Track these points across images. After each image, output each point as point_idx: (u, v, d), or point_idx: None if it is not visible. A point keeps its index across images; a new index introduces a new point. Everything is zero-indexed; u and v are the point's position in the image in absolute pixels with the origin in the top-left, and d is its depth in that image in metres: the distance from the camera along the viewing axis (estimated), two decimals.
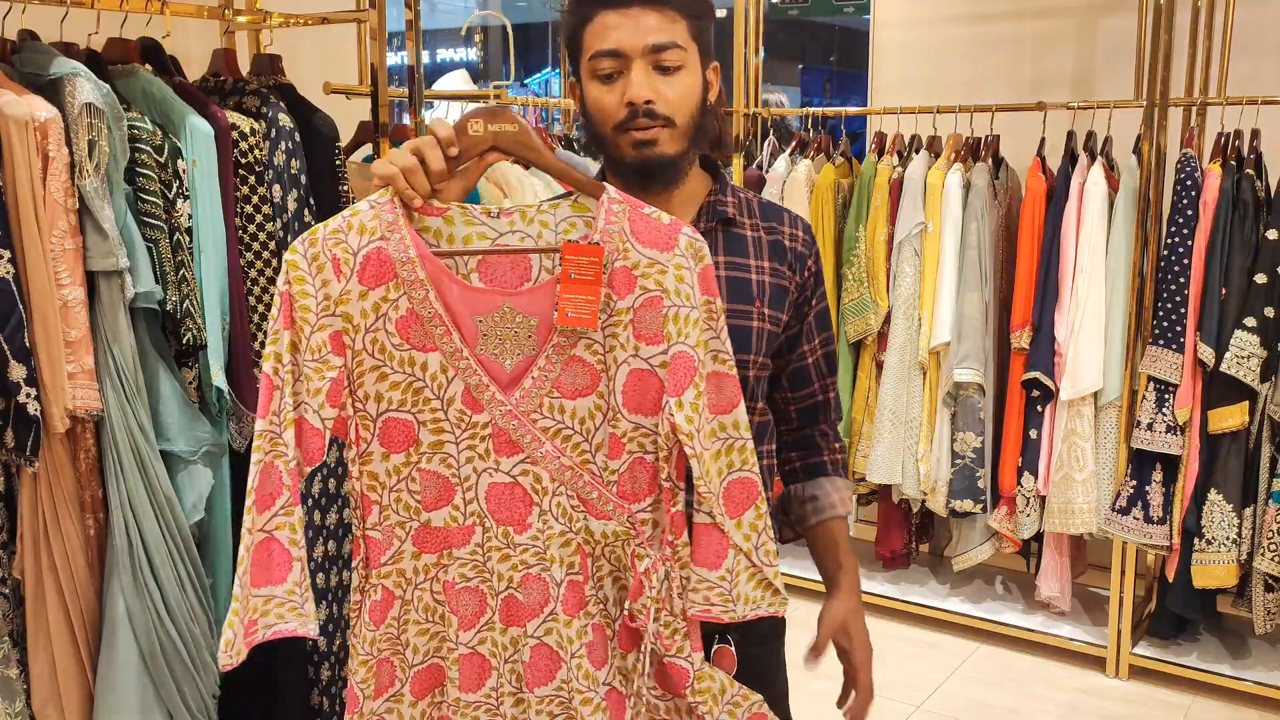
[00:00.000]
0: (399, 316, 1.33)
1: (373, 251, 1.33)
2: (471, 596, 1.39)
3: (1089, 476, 3.41)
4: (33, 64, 2.03)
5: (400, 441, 1.37)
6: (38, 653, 2.06)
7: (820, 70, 8.18)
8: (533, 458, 1.36)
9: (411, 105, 2.62)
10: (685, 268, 1.35)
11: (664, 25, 1.46)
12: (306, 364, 1.33)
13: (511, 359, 1.35)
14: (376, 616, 1.39)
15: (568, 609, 1.37)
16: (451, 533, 1.38)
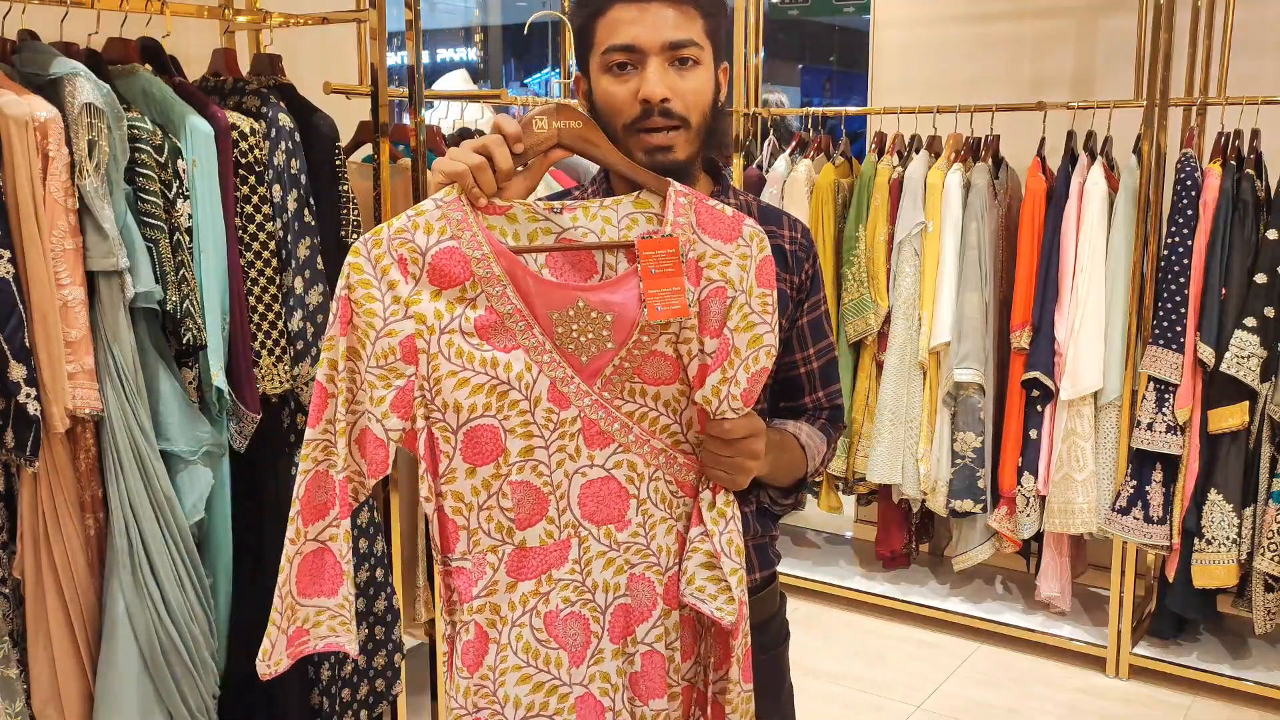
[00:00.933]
0: (478, 316, 1.27)
1: (444, 251, 1.27)
2: (576, 625, 1.31)
3: (1089, 476, 3.41)
4: (33, 64, 2.03)
5: (488, 453, 1.28)
6: (38, 653, 2.06)
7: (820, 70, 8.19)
8: (624, 445, 1.32)
9: (411, 105, 2.62)
10: (749, 257, 1.33)
11: (682, 21, 1.41)
12: (370, 371, 1.26)
13: (587, 354, 1.30)
14: (470, 661, 1.28)
15: (668, 601, 1.33)
16: (549, 551, 1.30)
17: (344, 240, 2.48)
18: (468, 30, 10.93)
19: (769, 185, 3.93)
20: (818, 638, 3.72)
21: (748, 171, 4.08)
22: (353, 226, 2.50)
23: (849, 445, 3.82)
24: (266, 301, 2.30)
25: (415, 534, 2.81)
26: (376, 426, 1.26)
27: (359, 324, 1.27)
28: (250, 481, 2.36)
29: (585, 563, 1.31)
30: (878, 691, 3.38)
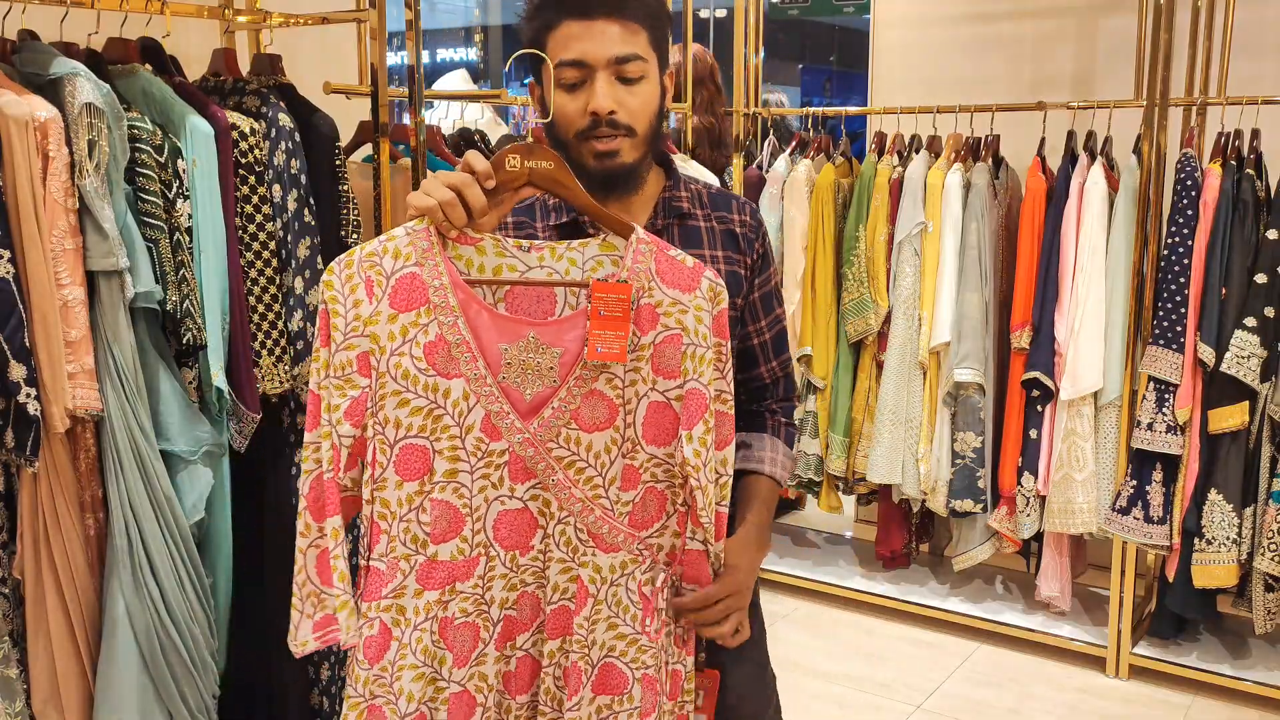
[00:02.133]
0: (427, 341, 1.36)
1: (406, 276, 1.36)
2: (468, 632, 1.41)
3: (1089, 476, 3.41)
4: (33, 64, 2.03)
5: (415, 470, 1.38)
6: (38, 652, 2.06)
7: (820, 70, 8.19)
8: (545, 484, 1.39)
9: (411, 105, 2.62)
10: (704, 309, 1.40)
11: (626, 37, 1.49)
12: (329, 380, 1.36)
13: (532, 388, 1.38)
14: (372, 654, 1.39)
15: (554, 630, 1.41)
16: (457, 566, 1.40)
17: (344, 240, 2.48)
18: (468, 30, 10.93)
19: (769, 185, 3.93)
20: (818, 638, 3.72)
21: (747, 171, 4.08)
22: (353, 226, 2.50)
23: (849, 445, 3.82)
24: (266, 301, 2.30)
25: None
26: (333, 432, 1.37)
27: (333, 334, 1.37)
28: (250, 481, 2.36)
29: (488, 580, 1.41)
30: (878, 691, 3.38)
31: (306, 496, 1.39)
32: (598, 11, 1.49)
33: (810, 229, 3.81)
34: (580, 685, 1.41)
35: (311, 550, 1.40)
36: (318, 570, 1.40)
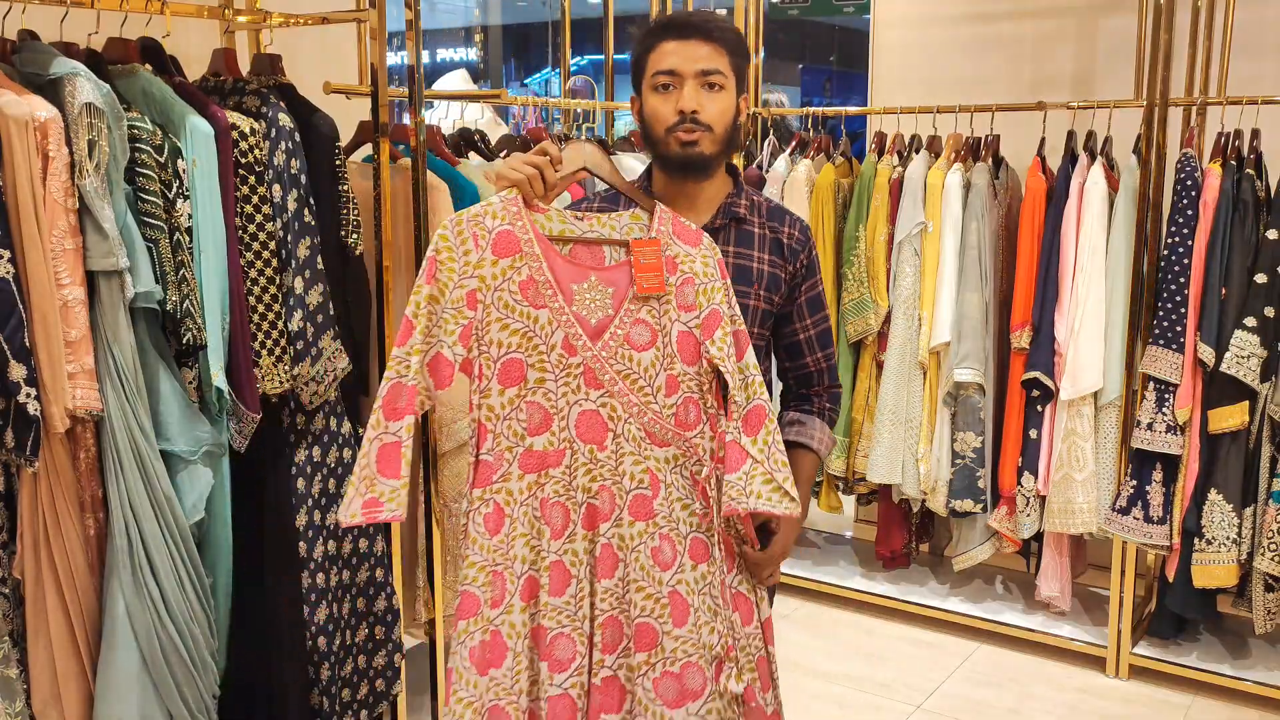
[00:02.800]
0: (521, 280, 1.76)
1: (503, 231, 1.76)
2: (560, 511, 1.75)
3: (1089, 476, 3.41)
4: (33, 64, 2.03)
5: (514, 378, 1.76)
6: (38, 652, 2.06)
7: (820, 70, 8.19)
8: (610, 391, 1.77)
9: (411, 105, 2.62)
10: (709, 257, 1.83)
11: (712, 55, 1.86)
12: (446, 310, 1.74)
13: (595, 316, 1.78)
14: (492, 527, 1.75)
15: (635, 515, 1.76)
16: (549, 455, 1.76)
17: (344, 240, 2.48)
18: (468, 30, 10.93)
19: (769, 185, 3.93)
20: (818, 638, 3.72)
21: (747, 171, 4.08)
22: (352, 226, 2.50)
23: (849, 445, 3.82)
24: (266, 301, 2.30)
25: (415, 534, 2.81)
26: (447, 351, 1.74)
27: (441, 278, 1.74)
28: (250, 481, 2.36)
29: (573, 469, 1.76)
30: (878, 691, 3.38)
31: (383, 398, 1.72)
32: (692, 34, 1.86)
33: (809, 227, 3.80)
34: (676, 556, 1.76)
35: (376, 441, 1.73)
36: (378, 459, 1.72)
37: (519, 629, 1.74)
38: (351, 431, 2.54)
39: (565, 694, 1.74)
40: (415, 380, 1.73)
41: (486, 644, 1.73)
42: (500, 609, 1.73)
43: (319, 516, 2.46)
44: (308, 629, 2.42)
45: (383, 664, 2.63)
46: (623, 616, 1.76)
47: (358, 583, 2.57)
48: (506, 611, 1.74)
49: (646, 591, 1.75)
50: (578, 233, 1.81)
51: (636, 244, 1.79)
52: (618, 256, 1.82)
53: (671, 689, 1.75)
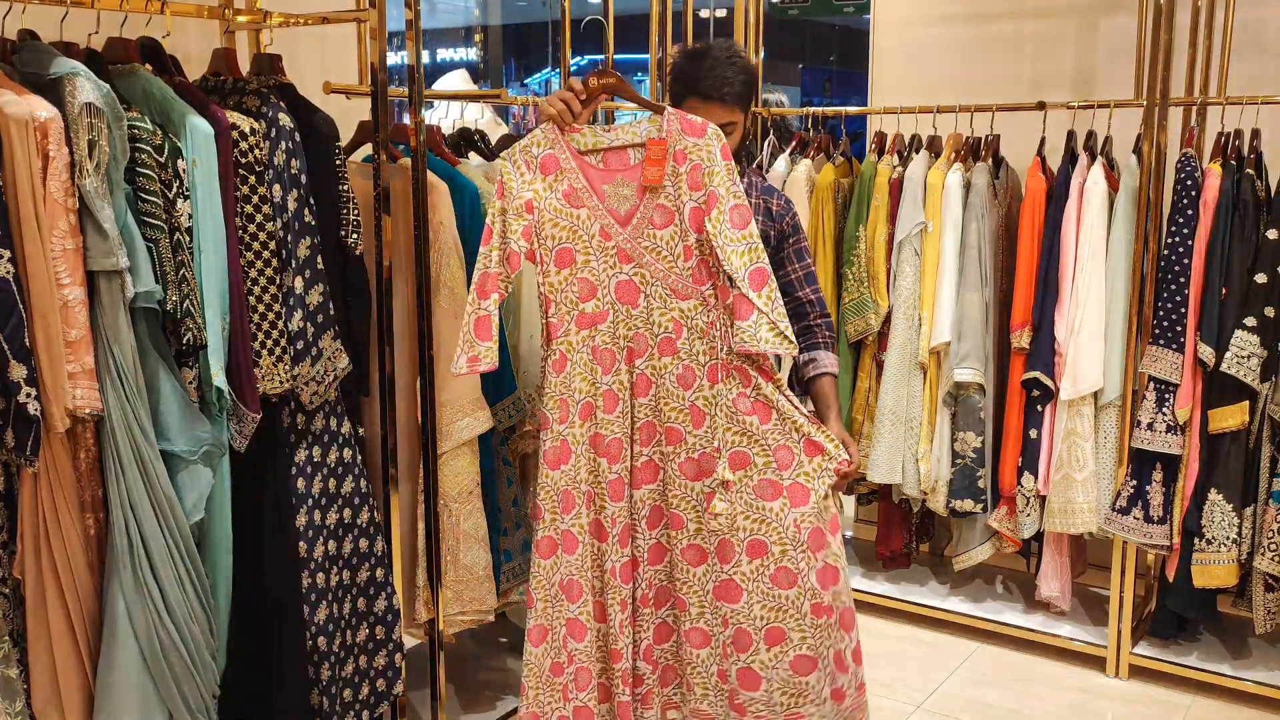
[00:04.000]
0: (564, 189, 2.36)
1: (547, 155, 2.36)
2: (607, 354, 2.37)
3: (1089, 476, 3.41)
4: (33, 64, 2.03)
5: (565, 261, 2.36)
6: (38, 652, 2.06)
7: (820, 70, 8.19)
8: (639, 264, 2.35)
9: (411, 105, 2.62)
10: (713, 145, 2.32)
11: (728, 112, 2.49)
12: (510, 216, 2.33)
13: (623, 208, 2.36)
14: (557, 369, 2.37)
15: (663, 352, 2.36)
16: (597, 314, 2.36)
17: (344, 240, 2.49)
18: (468, 30, 10.93)
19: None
20: None
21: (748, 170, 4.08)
22: (353, 226, 2.50)
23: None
24: (267, 301, 2.30)
25: (415, 534, 2.81)
26: (515, 244, 2.33)
27: (508, 193, 2.34)
28: (250, 481, 2.36)
29: (615, 323, 2.36)
30: (878, 691, 3.38)
31: (475, 284, 2.32)
32: (714, 99, 2.48)
33: (810, 229, 3.81)
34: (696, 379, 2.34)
35: (472, 315, 2.31)
36: (475, 328, 2.31)
37: (580, 437, 2.36)
38: (351, 431, 2.54)
39: (618, 477, 2.36)
40: (497, 269, 2.32)
41: (557, 449, 2.36)
42: (565, 425, 2.36)
43: (319, 516, 2.46)
44: (308, 629, 2.42)
45: (383, 664, 2.63)
46: (656, 421, 2.36)
47: (358, 583, 2.57)
48: (570, 426, 2.36)
49: (673, 405, 2.35)
50: (606, 143, 2.38)
51: (650, 143, 2.33)
52: (640, 157, 2.36)
53: (690, 468, 2.35)
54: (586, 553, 2.36)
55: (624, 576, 2.35)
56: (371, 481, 2.64)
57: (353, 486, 2.53)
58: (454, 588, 2.81)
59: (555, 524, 2.35)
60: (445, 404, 2.74)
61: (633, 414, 2.35)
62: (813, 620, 2.28)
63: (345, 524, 2.53)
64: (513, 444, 2.98)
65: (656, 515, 2.37)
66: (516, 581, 3.00)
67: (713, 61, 2.47)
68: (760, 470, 2.31)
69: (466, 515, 2.80)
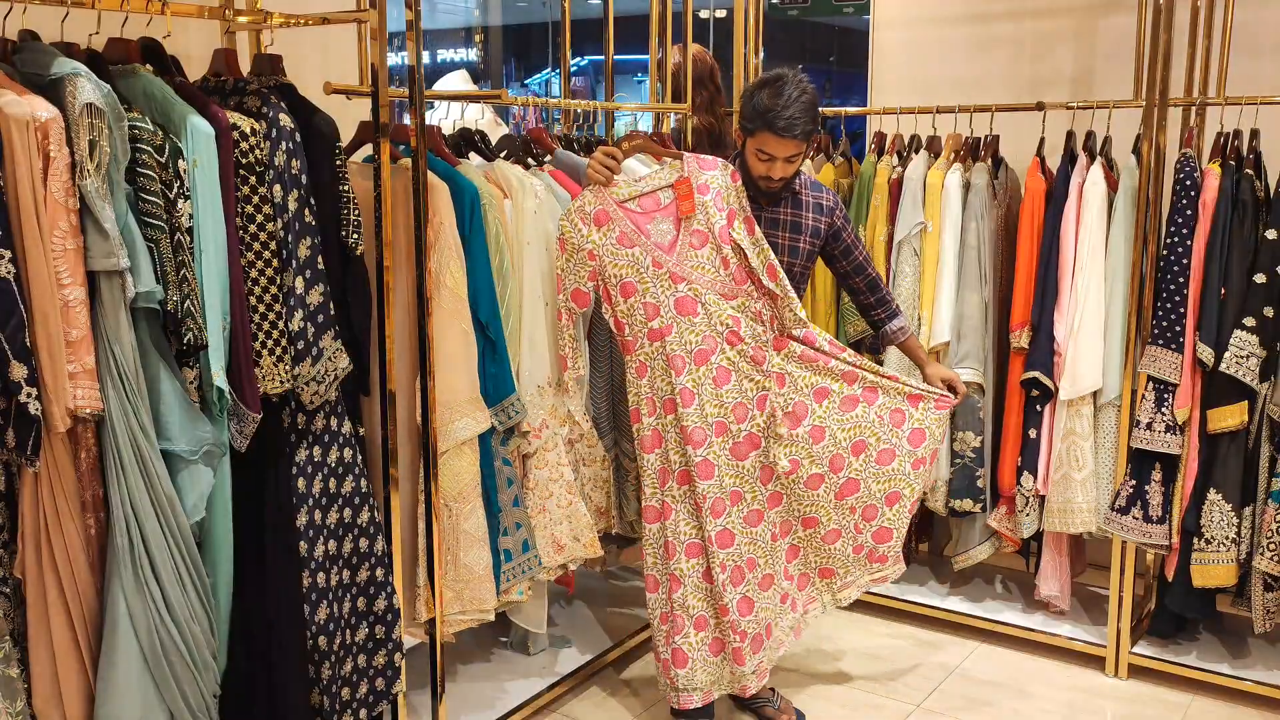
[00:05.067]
0: (616, 236, 2.89)
1: (599, 210, 2.89)
2: (678, 359, 2.87)
3: (1088, 476, 3.41)
4: (33, 64, 2.03)
5: (629, 292, 2.90)
6: (39, 652, 2.07)
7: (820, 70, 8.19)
8: (689, 280, 2.88)
9: (412, 105, 2.62)
10: (725, 174, 2.93)
11: (796, 147, 2.88)
12: (576, 264, 2.91)
13: (666, 239, 2.90)
14: (638, 374, 2.93)
15: (730, 344, 2.89)
16: (663, 329, 2.87)
17: (344, 240, 2.49)
18: (468, 30, 10.92)
19: None
20: (818, 637, 3.72)
21: None
22: (353, 226, 2.50)
23: None
24: (267, 301, 2.30)
25: (415, 534, 2.81)
26: (583, 286, 2.93)
27: (567, 248, 2.91)
28: (251, 481, 2.36)
29: (680, 333, 2.87)
30: (878, 691, 3.38)
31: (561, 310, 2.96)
32: (787, 136, 2.83)
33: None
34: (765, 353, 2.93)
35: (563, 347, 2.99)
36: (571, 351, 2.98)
37: (668, 426, 2.91)
38: (352, 431, 2.54)
39: (704, 460, 2.88)
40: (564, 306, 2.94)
41: (647, 437, 2.93)
42: (654, 417, 2.93)
43: (319, 516, 2.46)
44: (308, 628, 2.43)
45: (383, 663, 2.63)
46: (745, 401, 2.91)
47: (358, 582, 2.57)
48: (657, 419, 2.92)
49: (757, 380, 2.92)
50: (640, 190, 2.91)
51: (677, 184, 2.91)
52: (669, 196, 2.92)
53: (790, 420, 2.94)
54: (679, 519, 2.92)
55: (720, 542, 2.90)
56: (372, 481, 2.64)
57: (353, 486, 2.53)
58: (454, 587, 2.82)
59: (655, 495, 2.94)
60: (444, 404, 2.75)
61: (721, 401, 2.88)
62: (914, 473, 3.04)
63: (345, 523, 2.53)
64: (513, 444, 2.98)
65: (767, 473, 2.96)
66: (516, 581, 3.00)
67: (787, 100, 2.82)
68: (839, 393, 2.98)
69: (466, 515, 2.80)
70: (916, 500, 3.11)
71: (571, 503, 3.09)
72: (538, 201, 3.01)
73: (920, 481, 3.08)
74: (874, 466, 3.00)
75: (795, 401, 2.94)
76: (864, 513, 3.03)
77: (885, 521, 3.06)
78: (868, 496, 3.02)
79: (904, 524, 3.09)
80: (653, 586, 2.99)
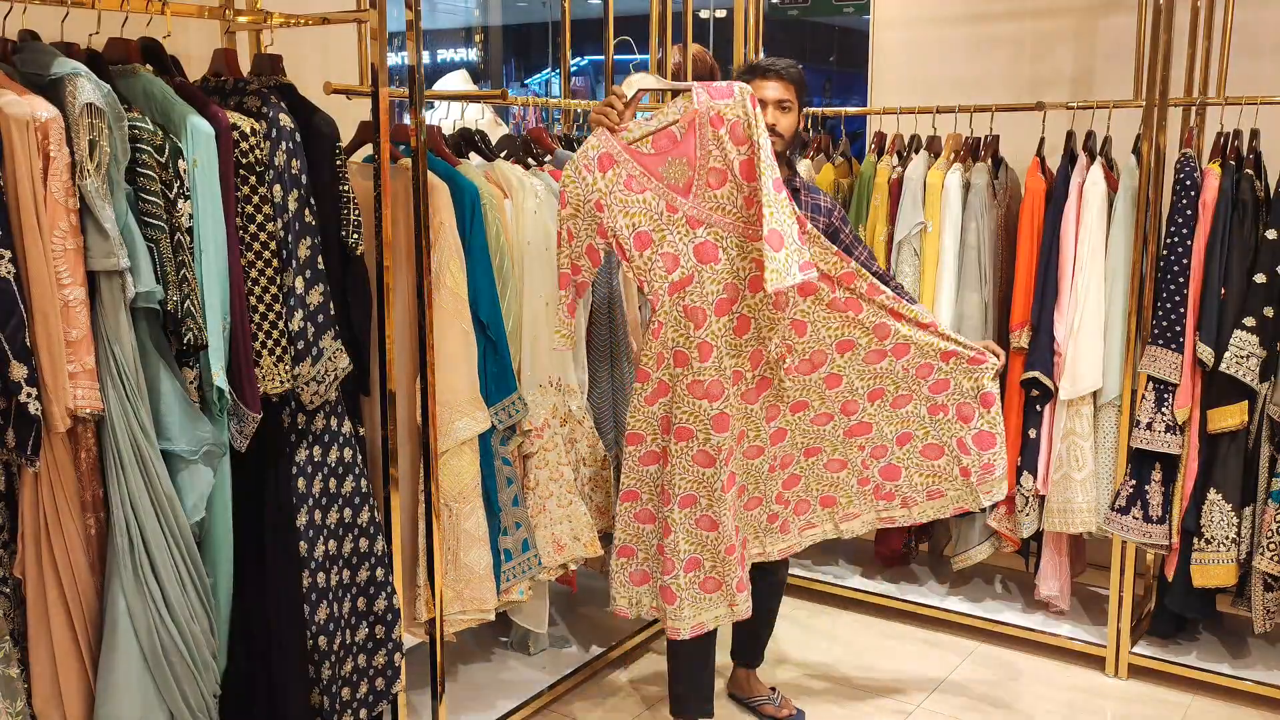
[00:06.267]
0: (624, 180, 2.61)
1: (603, 154, 2.62)
2: (698, 312, 2.63)
3: (1088, 476, 3.41)
4: (33, 64, 2.03)
5: (645, 243, 2.63)
6: (39, 652, 2.07)
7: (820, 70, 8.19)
8: (709, 224, 2.63)
9: (412, 105, 2.62)
10: (745, 103, 2.59)
11: (785, 89, 2.84)
12: (582, 217, 2.62)
13: (681, 180, 2.62)
14: (656, 333, 2.66)
15: (752, 289, 2.66)
16: (684, 281, 2.62)
17: (344, 240, 2.49)
18: (468, 30, 10.93)
19: None
20: (818, 637, 3.73)
21: None
22: (353, 226, 2.50)
23: None
24: (267, 301, 2.30)
25: (415, 534, 2.81)
26: (594, 241, 2.64)
27: (571, 200, 2.61)
28: (251, 481, 2.37)
29: (700, 283, 2.62)
30: (878, 691, 3.39)
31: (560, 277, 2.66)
32: (771, 76, 2.83)
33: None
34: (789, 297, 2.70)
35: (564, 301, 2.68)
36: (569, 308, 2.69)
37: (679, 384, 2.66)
38: (352, 431, 2.54)
39: (720, 412, 2.67)
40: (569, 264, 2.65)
41: (654, 391, 2.69)
42: (662, 368, 2.68)
43: (320, 516, 2.46)
44: (308, 628, 2.43)
45: (382, 663, 2.63)
46: (761, 347, 2.72)
47: (358, 582, 2.57)
48: (665, 371, 2.68)
49: (777, 328, 2.70)
50: (650, 129, 2.63)
51: (685, 118, 2.61)
52: (682, 132, 2.62)
53: (805, 366, 2.77)
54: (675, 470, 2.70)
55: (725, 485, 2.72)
56: (372, 481, 2.64)
57: (353, 486, 2.53)
58: (454, 587, 2.82)
59: (656, 441, 2.74)
60: (444, 404, 2.75)
61: (740, 350, 2.71)
62: (931, 419, 2.89)
63: (345, 523, 2.53)
64: (513, 444, 2.98)
65: (773, 411, 2.82)
66: (517, 581, 3.00)
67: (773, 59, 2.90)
68: (864, 347, 2.80)
69: (466, 515, 2.80)
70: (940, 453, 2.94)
71: (572, 502, 3.09)
72: (538, 201, 3.01)
73: (939, 429, 2.91)
74: (888, 410, 2.88)
75: (814, 350, 2.77)
76: (873, 451, 2.93)
77: (894, 459, 2.94)
78: (879, 437, 2.91)
79: (923, 469, 2.96)
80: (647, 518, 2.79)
